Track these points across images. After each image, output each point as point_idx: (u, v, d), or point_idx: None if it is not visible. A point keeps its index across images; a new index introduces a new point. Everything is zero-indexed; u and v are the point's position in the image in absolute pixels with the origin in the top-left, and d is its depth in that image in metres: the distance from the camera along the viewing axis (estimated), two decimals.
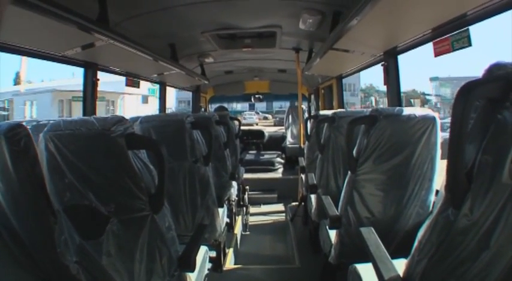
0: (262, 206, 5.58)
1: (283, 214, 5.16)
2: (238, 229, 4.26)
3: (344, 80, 4.58)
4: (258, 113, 33.39)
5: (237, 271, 3.23)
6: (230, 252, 3.53)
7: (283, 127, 8.43)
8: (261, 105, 31.00)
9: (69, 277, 1.23)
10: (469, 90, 0.92)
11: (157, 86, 4.37)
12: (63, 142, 1.34)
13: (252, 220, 4.97)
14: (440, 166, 1.94)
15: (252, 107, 33.16)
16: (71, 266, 1.23)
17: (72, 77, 29.37)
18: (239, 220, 4.57)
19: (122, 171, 1.37)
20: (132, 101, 28.46)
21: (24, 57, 24.42)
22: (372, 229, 1.71)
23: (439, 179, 1.96)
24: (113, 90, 24.53)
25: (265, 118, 33.51)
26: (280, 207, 5.47)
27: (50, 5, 1.55)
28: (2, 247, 1.14)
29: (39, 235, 1.19)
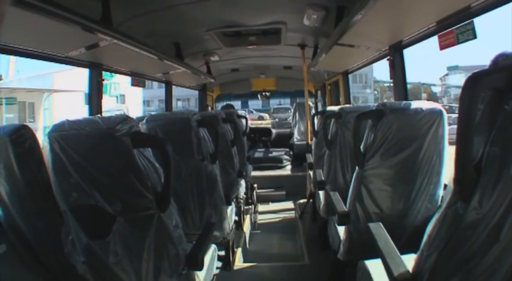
0: (270, 203, 5.56)
1: (292, 211, 5.15)
2: (246, 227, 4.26)
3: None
4: (251, 112, 25.82)
5: (246, 269, 3.23)
6: (239, 250, 3.53)
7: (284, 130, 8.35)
8: (256, 103, 23.68)
9: (76, 277, 1.24)
10: (475, 81, 0.90)
11: (111, 80, 4.00)
12: (68, 142, 1.34)
13: (261, 217, 4.96)
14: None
15: (245, 105, 24.81)
16: (78, 267, 1.24)
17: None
18: (247, 218, 4.57)
19: (128, 170, 1.37)
20: (70, 102, 17.88)
21: (12, 59, 19.76)
22: (381, 224, 1.70)
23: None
24: (31, 86, 17.64)
25: (261, 118, 25.82)
26: (288, 204, 5.45)
27: (53, 7, 1.55)
28: (9, 248, 1.15)
29: (46, 236, 1.19)
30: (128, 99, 27.13)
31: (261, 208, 5.35)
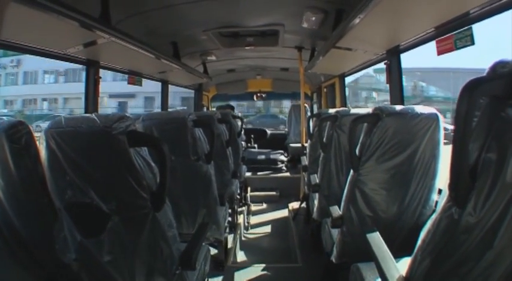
0: (264, 204, 5.56)
1: (285, 213, 5.15)
2: (239, 228, 4.26)
3: None
4: None
5: (238, 270, 3.23)
6: (232, 251, 3.53)
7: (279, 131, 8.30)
8: (242, 104, 19.32)
9: (69, 275, 1.23)
10: (473, 88, 0.91)
11: None
12: (65, 139, 1.33)
13: (254, 218, 4.96)
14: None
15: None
16: (71, 264, 1.23)
17: None
18: (241, 219, 4.56)
19: (123, 168, 1.36)
20: None
21: None
22: (375, 228, 1.71)
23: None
24: None
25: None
26: (282, 206, 5.45)
27: (52, 3, 1.55)
28: (2, 245, 1.14)
29: (40, 233, 1.18)
30: None
31: (255, 209, 5.35)
